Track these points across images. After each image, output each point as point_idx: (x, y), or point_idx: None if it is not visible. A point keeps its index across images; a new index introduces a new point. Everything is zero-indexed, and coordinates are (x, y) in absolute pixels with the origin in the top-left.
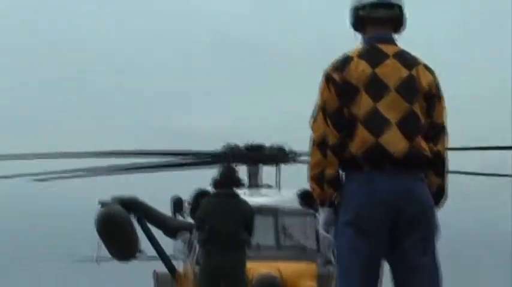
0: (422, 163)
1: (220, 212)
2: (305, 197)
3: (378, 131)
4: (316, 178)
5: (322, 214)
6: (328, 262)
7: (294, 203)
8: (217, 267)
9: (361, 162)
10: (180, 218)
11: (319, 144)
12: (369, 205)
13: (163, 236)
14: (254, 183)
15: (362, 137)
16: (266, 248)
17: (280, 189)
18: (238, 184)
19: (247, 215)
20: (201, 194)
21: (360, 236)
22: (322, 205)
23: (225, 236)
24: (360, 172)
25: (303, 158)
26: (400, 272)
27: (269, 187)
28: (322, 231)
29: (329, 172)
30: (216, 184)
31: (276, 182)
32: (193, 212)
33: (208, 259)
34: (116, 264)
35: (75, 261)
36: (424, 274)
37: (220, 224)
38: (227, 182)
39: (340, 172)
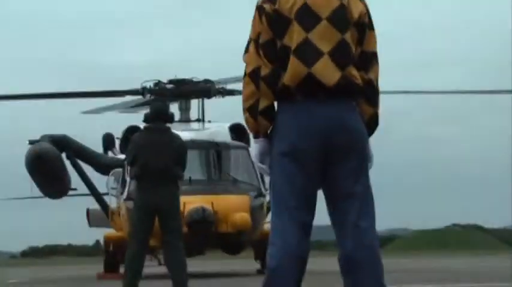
0: (355, 91)
1: (152, 147)
2: (236, 130)
3: (310, 61)
4: (250, 109)
5: (257, 145)
6: (261, 194)
7: (225, 137)
8: (151, 202)
9: (294, 92)
10: (111, 155)
11: (252, 75)
12: (303, 135)
13: (95, 173)
14: (184, 118)
15: (294, 67)
16: (198, 182)
17: (208, 123)
18: (169, 118)
19: (179, 149)
20: (131, 130)
21: (294, 165)
22: (256, 136)
23: (157, 171)
24: (293, 102)
25: (230, 89)
26: (333, 199)
27: (199, 121)
28: (256, 162)
29: (263, 103)
30: (147, 118)
31: (199, 115)
32: (123, 147)
33: (142, 194)
34: (48, 201)
35: (5, 199)
36: (356, 200)
37: (153, 160)
38: (158, 117)
39: (274, 102)
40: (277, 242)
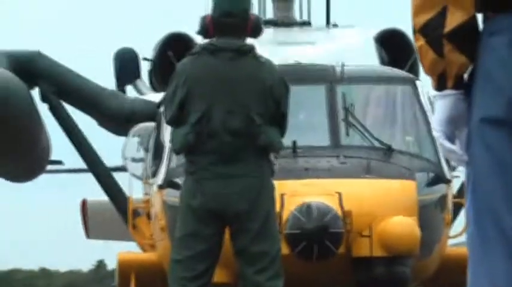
0: None
1: (217, 87)
2: (391, 44)
3: None
4: (426, 28)
5: (442, 103)
6: (441, 178)
7: (368, 57)
8: (215, 199)
9: None
10: (133, 94)
11: None
12: None
13: (101, 131)
14: (283, 18)
15: None
16: (312, 151)
17: (334, 28)
18: (254, 28)
19: (276, 89)
20: (173, 42)
21: None
22: (441, 84)
23: (229, 134)
24: None
25: None
26: None
27: (308, 24)
28: (441, 138)
29: (454, 17)
30: (209, 28)
31: (305, 14)
32: (158, 79)
33: (198, 182)
34: (8, 186)
35: None
36: None
37: (220, 112)
38: (233, 24)
39: (476, 17)
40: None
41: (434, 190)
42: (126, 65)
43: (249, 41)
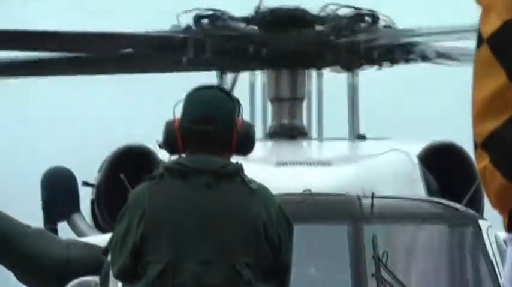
0: None
1: (190, 226)
2: (441, 164)
3: None
4: (491, 140)
5: None
6: None
7: (411, 184)
8: None
9: None
10: (68, 234)
11: None
12: None
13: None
14: (287, 125)
15: None
16: None
17: (361, 140)
18: (245, 142)
19: (273, 228)
20: (126, 159)
21: None
22: None
23: None
24: None
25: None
26: None
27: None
28: None
29: None
30: (177, 139)
31: (350, 124)
32: (107, 216)
33: None
34: None
35: None
36: None
37: (193, 262)
38: (210, 134)
39: None
40: None
41: None
42: (58, 193)
43: (235, 159)
